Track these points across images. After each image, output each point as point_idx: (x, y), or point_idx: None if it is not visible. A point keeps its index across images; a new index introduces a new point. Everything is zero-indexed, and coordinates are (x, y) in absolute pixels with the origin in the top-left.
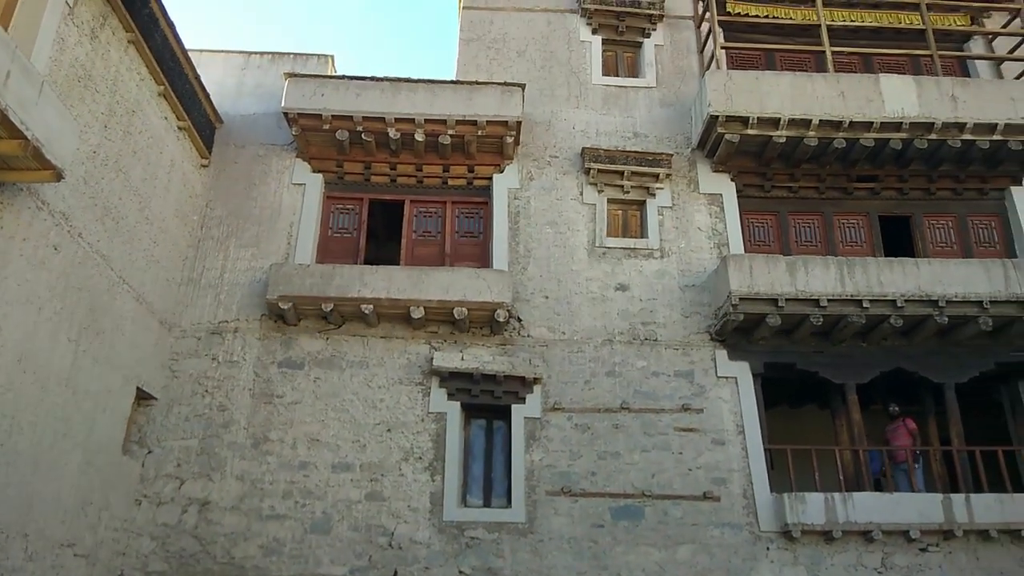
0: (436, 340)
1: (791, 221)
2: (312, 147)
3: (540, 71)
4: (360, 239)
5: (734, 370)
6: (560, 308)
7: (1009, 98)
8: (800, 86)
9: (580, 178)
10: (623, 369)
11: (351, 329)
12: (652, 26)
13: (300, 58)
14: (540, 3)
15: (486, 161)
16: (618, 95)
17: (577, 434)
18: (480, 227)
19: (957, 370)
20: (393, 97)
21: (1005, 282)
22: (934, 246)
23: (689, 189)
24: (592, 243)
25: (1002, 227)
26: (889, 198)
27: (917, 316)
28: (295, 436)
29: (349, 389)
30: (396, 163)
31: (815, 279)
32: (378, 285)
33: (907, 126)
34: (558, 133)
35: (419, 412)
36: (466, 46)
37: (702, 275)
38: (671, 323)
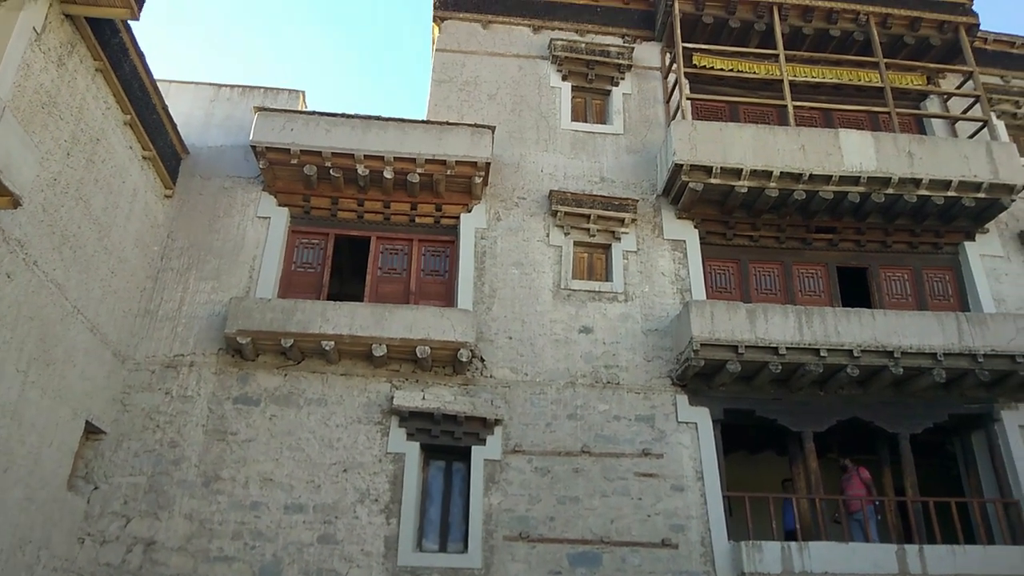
0: (397, 379)
1: (752, 269)
2: (279, 181)
3: (510, 114)
4: (324, 274)
5: (695, 416)
6: (524, 349)
7: (963, 156)
8: (762, 138)
9: (547, 220)
10: (585, 412)
11: (311, 366)
12: (621, 75)
13: (271, 92)
14: (512, 49)
15: (454, 200)
16: (586, 140)
17: (537, 477)
18: (446, 266)
19: (912, 421)
20: (363, 134)
21: (958, 335)
22: (890, 298)
23: (654, 234)
24: (557, 285)
25: (956, 281)
26: (847, 249)
27: (873, 366)
28: (247, 475)
29: (306, 427)
30: (364, 199)
31: (774, 327)
32: (341, 321)
33: (865, 180)
34: (526, 175)
35: (377, 452)
36: (438, 87)
37: (665, 320)
38: (633, 367)
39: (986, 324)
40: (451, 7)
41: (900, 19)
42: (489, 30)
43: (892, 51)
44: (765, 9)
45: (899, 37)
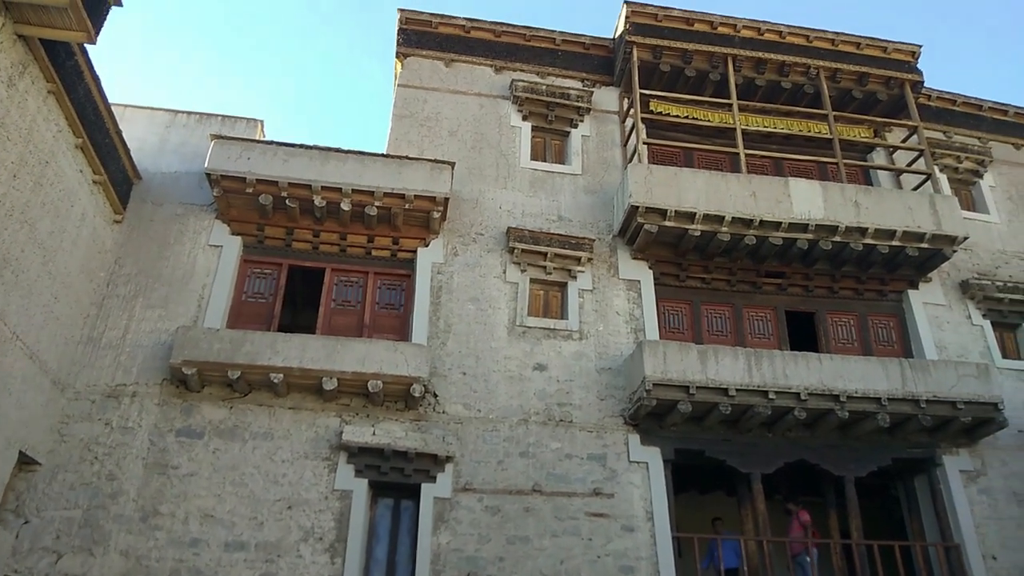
0: (347, 413)
1: (704, 311)
2: (233, 209)
3: (470, 151)
4: (276, 305)
5: (646, 455)
6: (477, 385)
7: (907, 207)
8: (715, 184)
9: (504, 257)
10: (537, 450)
11: (258, 398)
12: (580, 118)
13: (228, 120)
14: (474, 87)
15: (412, 234)
16: (545, 179)
17: (487, 517)
18: (401, 299)
19: (857, 464)
20: (322, 165)
21: (902, 381)
22: (836, 342)
23: (609, 274)
24: (513, 321)
25: (900, 328)
26: (795, 294)
27: (820, 409)
28: (188, 510)
29: (250, 462)
30: (320, 230)
31: (725, 368)
32: (291, 354)
33: (813, 228)
34: (485, 211)
35: (323, 489)
36: (399, 122)
37: (618, 359)
38: (587, 405)
39: (928, 371)
40: (414, 44)
41: (849, 74)
42: (452, 68)
43: (841, 104)
44: (720, 60)
45: (848, 91)
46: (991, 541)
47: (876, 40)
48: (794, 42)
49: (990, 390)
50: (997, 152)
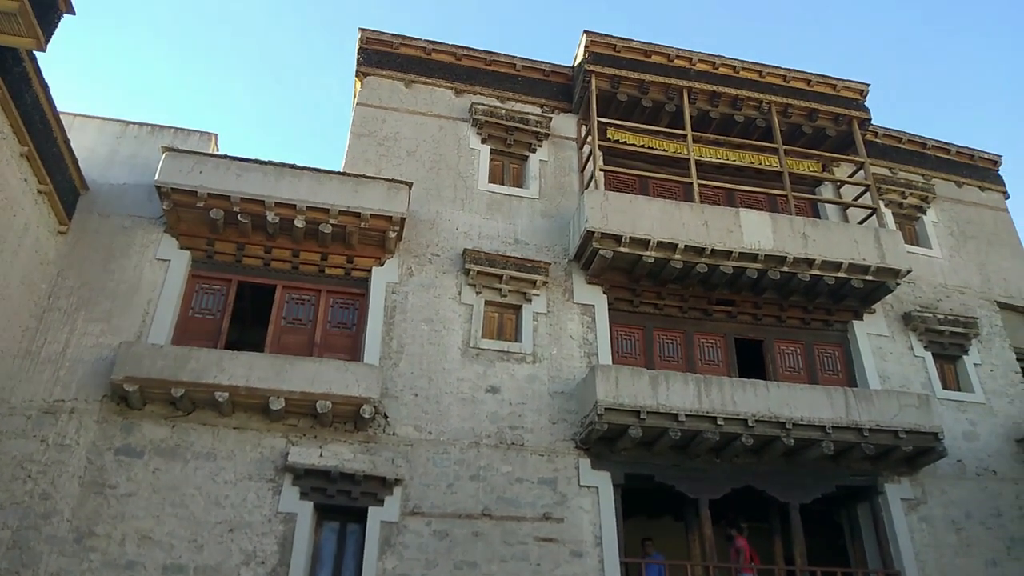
0: (294, 434)
1: (656, 336)
2: (183, 223)
3: (428, 172)
4: (224, 322)
5: (596, 480)
6: (429, 407)
7: (853, 240)
8: (669, 212)
9: (460, 278)
10: (488, 473)
11: (201, 417)
12: (538, 143)
13: (182, 133)
14: (433, 109)
15: (367, 253)
16: (502, 202)
17: (435, 541)
18: (354, 319)
19: (801, 491)
20: (276, 181)
21: (846, 409)
22: (783, 370)
23: (564, 298)
24: (467, 343)
25: (844, 357)
26: (745, 322)
27: (766, 436)
28: (124, 532)
29: (191, 483)
30: (272, 247)
31: (675, 394)
32: (237, 372)
33: (762, 258)
34: (441, 232)
35: (267, 512)
36: (357, 140)
37: (571, 383)
38: (538, 428)
39: (872, 400)
40: (375, 64)
41: (799, 109)
42: (411, 89)
43: (791, 139)
44: (675, 92)
45: (798, 126)
46: (930, 568)
47: (826, 78)
48: (747, 77)
49: (930, 420)
50: (940, 189)
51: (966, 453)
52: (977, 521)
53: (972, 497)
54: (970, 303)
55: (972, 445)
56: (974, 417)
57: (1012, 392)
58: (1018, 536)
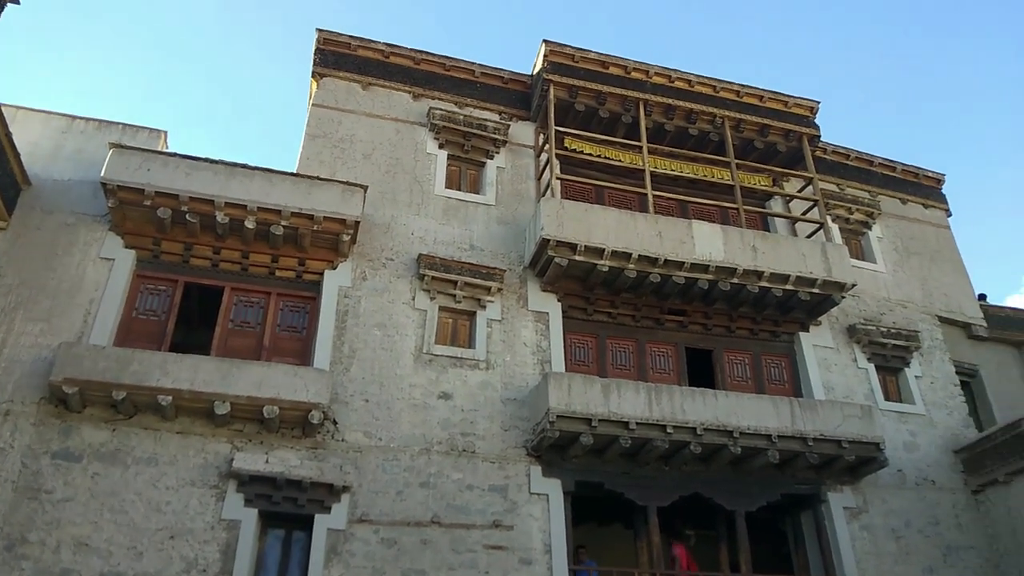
0: (240, 439)
1: (609, 344)
2: (128, 222)
3: (384, 175)
4: (169, 323)
5: (547, 487)
6: (380, 413)
7: (801, 254)
8: (624, 222)
9: (414, 283)
10: (438, 481)
11: (144, 421)
12: (496, 149)
13: (130, 130)
14: (391, 112)
15: (319, 256)
16: (458, 208)
17: (383, 549)
18: (305, 322)
19: (747, 498)
20: (227, 181)
21: (791, 419)
22: (732, 380)
23: (518, 305)
24: (419, 349)
25: (791, 368)
26: (695, 332)
27: (714, 444)
28: (60, 539)
29: (132, 488)
30: (220, 247)
31: (626, 402)
32: (181, 375)
33: (713, 269)
34: (396, 237)
35: (210, 519)
36: (311, 141)
37: (524, 390)
38: (490, 435)
39: (816, 410)
40: (331, 65)
41: (751, 125)
42: (368, 92)
43: (743, 153)
44: (632, 103)
45: (750, 141)
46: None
47: (778, 94)
48: (702, 91)
49: (873, 430)
50: (885, 205)
51: (906, 463)
52: (916, 529)
53: (911, 506)
54: (912, 317)
55: (912, 455)
56: (914, 428)
57: (951, 404)
58: (954, 544)
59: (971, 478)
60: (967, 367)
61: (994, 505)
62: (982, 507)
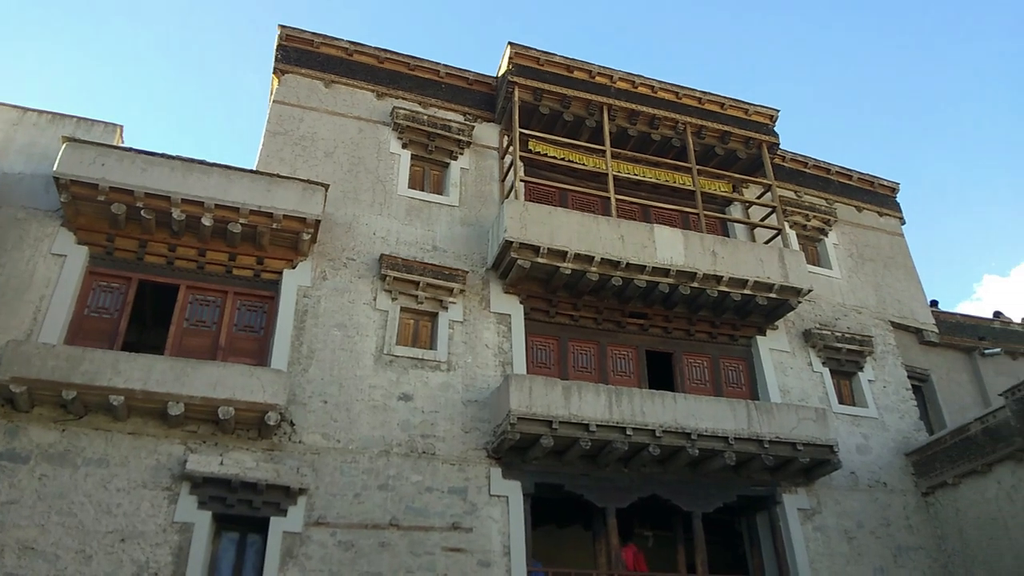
0: (194, 441)
1: (571, 347)
2: (81, 217)
3: (346, 174)
4: (122, 322)
5: (506, 489)
6: (338, 414)
7: (759, 259)
8: (587, 225)
9: (375, 284)
10: (397, 483)
11: (94, 422)
12: (460, 150)
13: (84, 123)
14: (353, 111)
15: (278, 255)
16: (421, 208)
17: (340, 552)
18: (262, 322)
19: (704, 500)
20: (184, 177)
21: (748, 421)
22: (691, 382)
23: (480, 307)
24: (380, 350)
25: (748, 371)
26: (656, 335)
27: (673, 446)
28: (4, 542)
29: (81, 490)
30: (176, 245)
31: (587, 404)
32: (134, 375)
33: (674, 273)
34: (358, 237)
35: (162, 521)
36: (272, 138)
37: (485, 391)
38: (451, 437)
39: (772, 413)
40: (293, 62)
41: (712, 131)
42: (331, 89)
43: (704, 159)
44: (596, 108)
45: (711, 147)
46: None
47: (739, 102)
48: (665, 97)
49: (827, 433)
50: (841, 213)
51: (859, 465)
52: (868, 531)
53: (863, 508)
54: (866, 322)
55: (865, 458)
56: (867, 431)
57: (903, 408)
58: (904, 545)
59: (921, 480)
60: (918, 372)
61: (943, 507)
62: (932, 509)
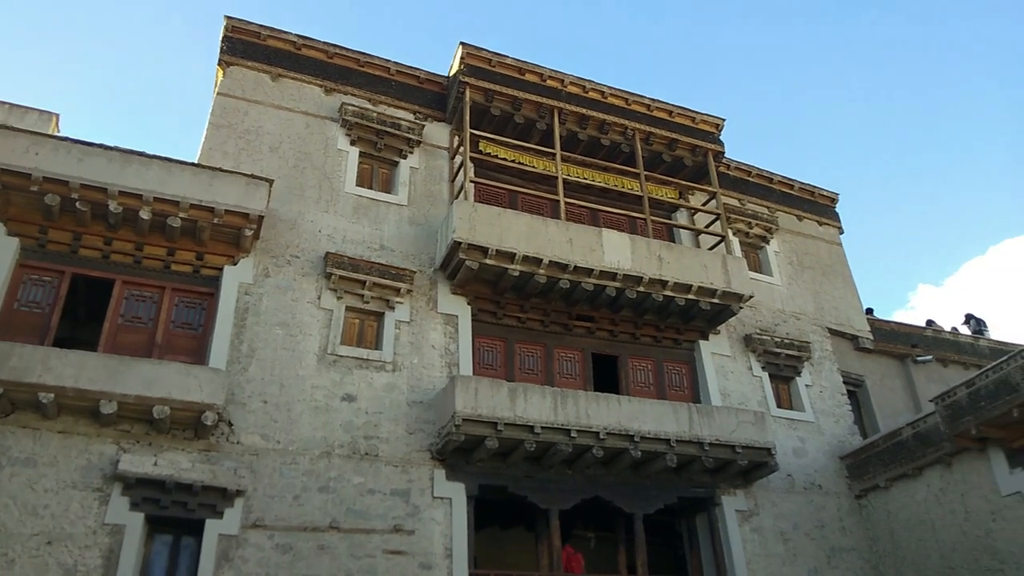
0: (127, 440)
1: (518, 349)
2: (12, 208)
3: (292, 170)
4: (53, 317)
5: (450, 491)
6: (279, 415)
7: (703, 265)
8: (536, 227)
9: (320, 282)
10: (338, 485)
11: (22, 420)
12: (410, 149)
13: (18, 111)
14: (301, 105)
15: (219, 251)
16: (369, 207)
17: (277, 555)
18: (201, 319)
19: (646, 502)
20: (122, 168)
21: (689, 424)
22: (635, 385)
23: (428, 307)
24: (324, 349)
25: (691, 374)
26: (602, 338)
27: (616, 449)
28: None
29: (5, 491)
30: (112, 238)
31: (533, 407)
32: (65, 372)
33: (621, 277)
34: (303, 234)
35: (91, 523)
36: (215, 131)
37: (431, 392)
38: (394, 439)
39: (713, 416)
40: (240, 54)
41: (660, 138)
42: (278, 83)
43: (652, 165)
44: (547, 111)
45: (659, 154)
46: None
47: (686, 110)
48: (614, 103)
49: (765, 436)
50: (783, 221)
51: (795, 468)
52: (803, 532)
53: (799, 509)
54: (804, 328)
55: (801, 461)
56: (804, 435)
57: (838, 412)
58: (838, 546)
59: (855, 483)
60: (854, 377)
61: (875, 509)
62: (864, 511)
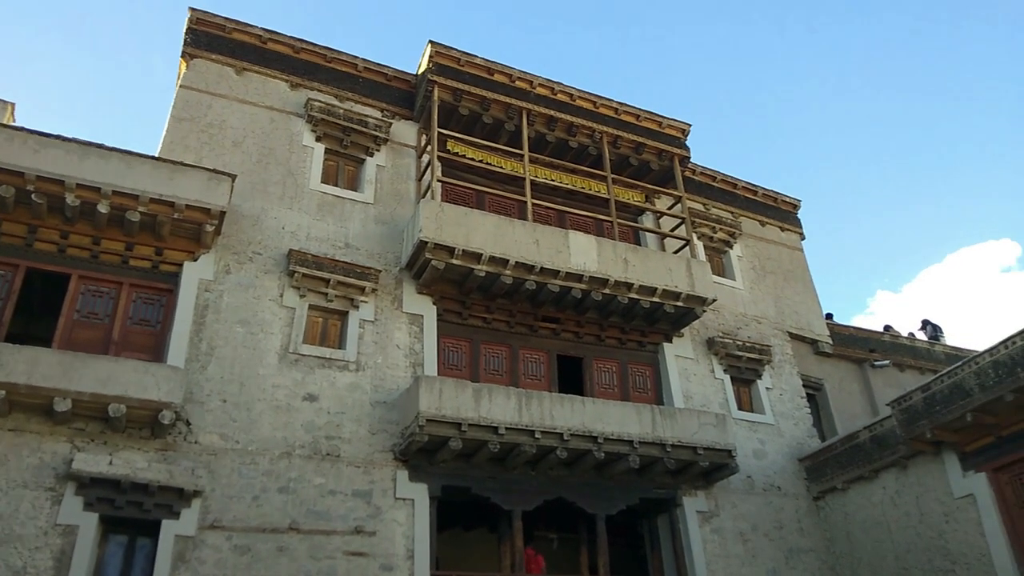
0: (81, 439)
1: (483, 349)
2: None
3: (256, 165)
4: (6, 311)
5: (412, 492)
6: (239, 414)
7: (668, 268)
8: (503, 228)
9: (283, 280)
10: (298, 485)
11: None
12: (376, 147)
13: None
14: (265, 100)
15: (179, 246)
16: (334, 204)
17: (235, 557)
18: (160, 316)
19: (608, 503)
20: (80, 161)
21: (652, 426)
22: (600, 387)
23: (393, 307)
24: (285, 348)
25: (654, 377)
26: (567, 340)
27: (580, 450)
28: None
29: None
30: (69, 232)
31: (497, 407)
32: (17, 368)
33: (587, 279)
34: (266, 230)
35: (43, 523)
36: (177, 124)
37: (395, 393)
38: (357, 439)
39: (675, 417)
40: (204, 47)
41: (628, 142)
42: (243, 77)
43: (619, 168)
44: (515, 112)
45: (626, 157)
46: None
47: (653, 115)
48: (583, 105)
49: (726, 438)
50: (746, 226)
51: (755, 470)
52: (762, 533)
53: (759, 511)
54: (766, 332)
55: (761, 463)
56: (764, 437)
57: (797, 415)
58: (796, 547)
59: (813, 485)
60: (813, 381)
61: (833, 511)
62: (822, 512)
